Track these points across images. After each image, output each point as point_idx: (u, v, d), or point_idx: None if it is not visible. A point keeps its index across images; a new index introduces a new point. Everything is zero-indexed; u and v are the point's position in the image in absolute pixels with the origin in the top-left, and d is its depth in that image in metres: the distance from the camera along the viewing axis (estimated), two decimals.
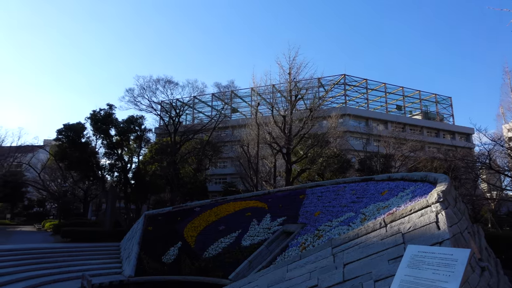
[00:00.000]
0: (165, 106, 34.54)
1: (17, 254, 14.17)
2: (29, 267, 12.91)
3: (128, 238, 17.58)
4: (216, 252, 13.69)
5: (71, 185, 51.07)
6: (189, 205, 19.30)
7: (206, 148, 34.53)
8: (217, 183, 54.97)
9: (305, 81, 26.61)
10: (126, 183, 31.90)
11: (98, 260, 15.61)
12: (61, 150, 30.50)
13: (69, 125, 29.83)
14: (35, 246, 17.06)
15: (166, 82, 31.10)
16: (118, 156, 31.47)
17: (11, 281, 10.83)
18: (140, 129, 31.87)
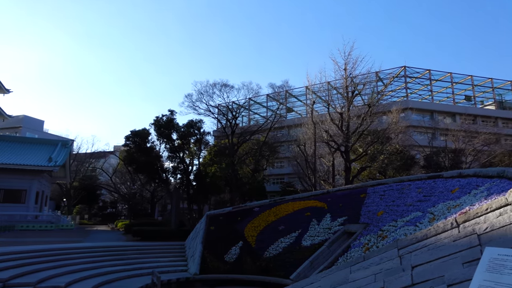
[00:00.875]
0: (222, 109, 35.51)
1: (95, 251, 15.46)
2: (105, 263, 14.01)
3: (192, 238, 18.32)
4: (277, 252, 13.73)
5: (139, 187, 54.60)
6: (248, 205, 19.59)
7: (263, 149, 34.85)
8: (274, 183, 55.16)
9: (362, 76, 25.69)
10: (188, 184, 33.32)
11: (165, 258, 16.46)
12: (129, 155, 32.78)
13: (136, 131, 31.94)
14: (110, 244, 18.49)
15: (222, 85, 31.97)
16: (180, 159, 33.00)
17: (91, 276, 11.85)
18: (200, 133, 33.09)
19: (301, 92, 54.17)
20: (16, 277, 9.82)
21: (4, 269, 10.19)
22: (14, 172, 36.93)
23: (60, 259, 13.05)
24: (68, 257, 13.58)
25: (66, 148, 42.92)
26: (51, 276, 10.71)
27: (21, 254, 12.32)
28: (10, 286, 9.24)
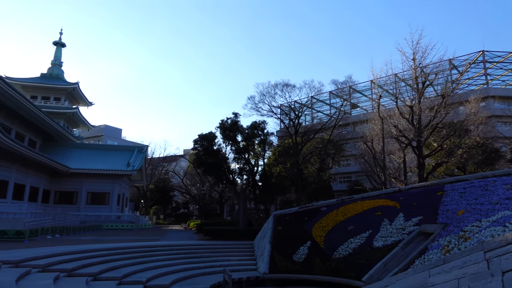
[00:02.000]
0: (284, 109, 35.55)
1: (171, 249, 16.45)
2: (181, 261, 14.82)
3: (260, 237, 18.58)
4: (347, 253, 13.34)
5: (208, 189, 56.84)
6: (315, 205, 19.33)
7: (327, 147, 34.16)
8: (341, 182, 53.66)
9: (433, 65, 23.90)
10: (254, 185, 33.89)
11: (235, 257, 16.91)
12: (198, 157, 34.34)
13: (203, 135, 33.38)
14: (184, 243, 19.52)
15: (284, 85, 32.00)
16: (245, 160, 33.71)
17: (168, 272, 12.62)
18: (263, 134, 33.50)
19: (365, 87, 52.09)
20: (104, 271, 10.82)
21: (94, 264, 11.30)
22: (98, 177, 40.74)
23: (141, 256, 14.09)
24: (147, 254, 14.62)
25: (141, 153, 46.33)
26: (134, 272, 11.61)
27: (107, 251, 13.55)
28: (99, 279, 10.22)
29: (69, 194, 40.23)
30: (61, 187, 39.91)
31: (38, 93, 54.38)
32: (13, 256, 10.17)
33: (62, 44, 61.53)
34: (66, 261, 10.92)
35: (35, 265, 9.64)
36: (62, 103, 54.77)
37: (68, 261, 11.04)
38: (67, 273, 9.80)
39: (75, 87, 55.71)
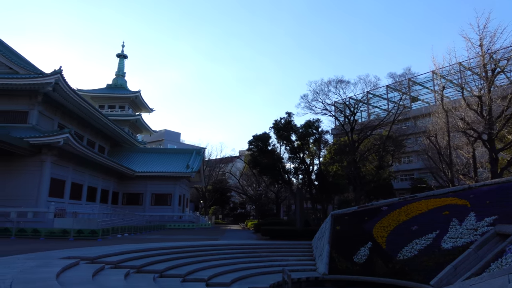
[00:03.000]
0: (338, 106, 34.69)
1: (230, 248, 16.83)
2: (240, 260, 15.10)
3: (318, 237, 18.30)
4: (412, 254, 12.63)
5: (264, 189, 57.27)
6: (375, 204, 18.58)
7: (386, 144, 32.69)
8: (403, 180, 51.06)
9: (504, 50, 21.78)
10: (310, 184, 33.50)
11: (293, 257, 16.83)
12: (253, 158, 34.78)
13: (257, 136, 33.73)
14: (243, 242, 19.87)
15: (338, 82, 31.22)
16: (300, 159, 33.45)
17: (228, 271, 12.93)
18: (318, 132, 32.98)
19: (426, 79, 49.06)
20: (169, 269, 11.38)
21: (160, 262, 11.94)
22: (161, 179, 42.97)
23: (202, 254, 14.61)
24: (208, 253, 15.11)
25: (199, 155, 48.06)
26: (196, 270, 12.06)
27: (172, 250, 14.24)
28: (165, 276, 10.76)
29: (135, 195, 42.97)
30: (128, 189, 42.77)
31: (105, 102, 58.84)
32: (89, 253, 11.08)
33: (124, 56, 65.98)
34: (135, 258, 11.66)
35: (108, 261, 10.41)
36: (126, 110, 58.71)
37: (136, 258, 11.77)
38: (136, 270, 10.45)
39: (137, 95, 59.43)
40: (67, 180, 29.66)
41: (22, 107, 28.83)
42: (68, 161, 29.32)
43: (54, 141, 24.93)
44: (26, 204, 24.84)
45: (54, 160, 26.77)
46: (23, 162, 25.91)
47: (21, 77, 27.11)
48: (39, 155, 25.99)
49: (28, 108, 28.87)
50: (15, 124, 27.95)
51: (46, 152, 26.06)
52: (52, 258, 9.98)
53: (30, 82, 26.97)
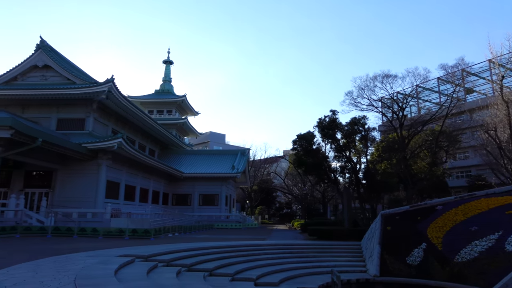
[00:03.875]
0: (386, 102, 33.38)
1: (278, 248, 16.83)
2: (288, 260, 15.04)
3: (368, 238, 17.74)
4: (472, 257, 11.82)
5: (310, 188, 56.66)
6: (428, 203, 17.63)
7: (439, 139, 30.91)
8: (458, 177, 48.08)
9: None
10: (358, 183, 32.56)
11: (342, 258, 16.45)
12: (297, 157, 34.50)
13: (301, 135, 33.43)
14: (290, 242, 19.79)
15: (384, 77, 30.06)
16: (346, 158, 32.65)
17: (276, 271, 12.92)
18: (364, 129, 31.99)
19: (482, 68, 45.81)
20: (218, 268, 11.61)
21: (210, 261, 12.22)
22: (207, 180, 44.05)
23: (250, 254, 14.74)
24: (256, 252, 15.22)
25: (244, 156, 48.62)
26: (245, 269, 12.19)
27: (220, 249, 14.53)
28: (214, 275, 11.00)
29: (184, 196, 44.45)
30: (177, 190, 44.35)
31: (154, 107, 61.50)
32: (143, 252, 11.62)
33: (170, 62, 68.52)
34: (185, 257, 12.04)
35: (160, 260, 10.84)
36: (173, 114, 60.91)
37: (187, 257, 12.15)
38: (187, 268, 10.79)
39: (183, 100, 61.45)
40: (121, 182, 31.37)
41: (79, 115, 30.96)
42: (122, 164, 31.01)
43: (109, 146, 26.49)
44: (85, 205, 26.64)
45: (109, 163, 28.43)
46: (82, 166, 27.81)
47: (77, 87, 29.13)
48: (96, 159, 27.75)
49: (85, 116, 30.94)
50: (74, 131, 30.10)
51: (102, 156, 27.75)
52: (110, 256, 10.60)
53: (86, 91, 28.89)
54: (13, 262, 9.34)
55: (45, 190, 27.73)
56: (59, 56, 34.15)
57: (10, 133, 19.53)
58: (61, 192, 27.54)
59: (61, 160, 27.24)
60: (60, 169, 27.77)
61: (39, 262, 9.33)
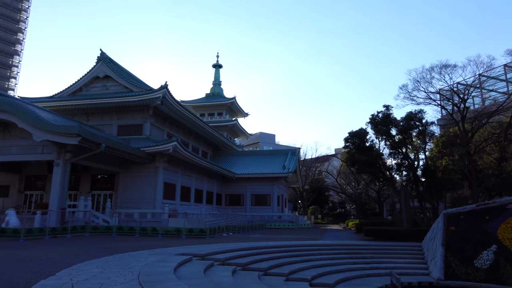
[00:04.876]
0: (444, 94, 31.29)
1: (332, 248, 16.49)
2: (343, 260, 14.68)
3: (430, 239, 16.75)
4: None
5: (364, 187, 54.86)
6: (498, 201, 16.20)
7: (508, 132, 28.31)
8: None
9: None
10: (416, 181, 30.88)
11: (401, 259, 15.71)
12: (350, 156, 33.54)
13: (353, 132, 32.44)
14: (345, 242, 19.30)
15: (442, 67, 28.22)
16: (403, 155, 31.13)
17: (331, 272, 12.66)
18: (421, 124, 30.27)
19: None
20: (272, 267, 11.64)
21: (264, 260, 12.30)
22: (259, 180, 44.41)
23: (304, 254, 14.60)
24: (310, 252, 15.04)
25: (295, 156, 48.34)
26: (299, 269, 12.10)
27: (274, 249, 14.56)
28: (269, 274, 11.05)
29: (236, 196, 45.24)
30: (230, 190, 45.26)
31: (205, 110, 63.38)
32: (200, 251, 12.00)
33: (219, 66, 70.20)
34: (240, 256, 12.23)
35: (216, 258, 11.12)
36: (223, 117, 62.34)
37: (242, 256, 12.34)
38: (242, 267, 10.95)
39: (232, 102, 62.62)
40: (177, 183, 32.71)
41: (137, 120, 32.82)
42: (177, 166, 32.33)
43: (164, 149, 27.75)
44: (145, 206, 28.15)
45: (165, 166, 29.78)
46: (141, 169, 29.43)
47: (135, 95, 30.89)
48: (153, 162, 29.22)
49: (142, 121, 32.74)
50: (133, 136, 31.98)
51: (159, 159, 29.15)
52: (169, 254, 11.09)
53: (142, 98, 30.55)
54: (84, 258, 10.14)
55: (109, 192, 29.76)
56: (117, 66, 36.50)
57: (77, 140, 21.22)
58: (123, 194, 29.37)
59: (122, 163, 29.07)
60: (121, 172, 29.64)
61: (107, 259, 10.02)
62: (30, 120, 21.64)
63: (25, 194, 31.38)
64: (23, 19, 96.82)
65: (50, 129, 21.39)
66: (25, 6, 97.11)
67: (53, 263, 9.47)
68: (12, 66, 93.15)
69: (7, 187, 31.51)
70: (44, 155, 23.47)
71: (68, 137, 21.29)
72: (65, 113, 32.49)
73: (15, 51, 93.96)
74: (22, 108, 22.30)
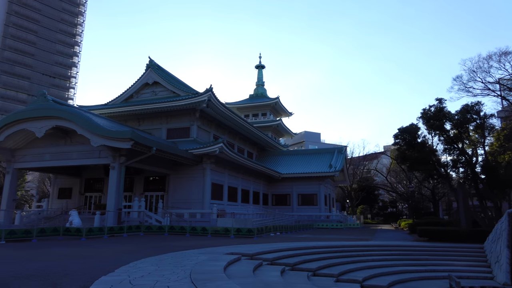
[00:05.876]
0: (505, 84, 28.93)
1: (384, 249, 15.88)
2: (396, 262, 14.06)
3: (492, 240, 15.55)
4: None
5: (416, 185, 52.30)
6: None
7: None
8: None
9: None
10: (475, 178, 28.84)
11: (460, 262, 14.75)
12: (400, 153, 32.10)
13: (403, 128, 31.03)
14: (398, 243, 18.51)
15: (501, 55, 26.20)
16: (459, 150, 29.23)
17: (384, 273, 12.18)
18: (479, 117, 28.22)
19: None
20: (321, 268, 11.45)
21: (312, 261, 12.14)
22: (305, 180, 44.00)
23: (355, 255, 14.21)
24: (361, 253, 14.60)
25: (341, 154, 47.27)
26: (349, 270, 11.79)
27: (323, 249, 14.33)
28: (318, 275, 10.88)
29: (282, 196, 45.17)
30: (276, 190, 45.29)
31: (249, 111, 64.02)
32: (248, 250, 12.12)
33: (262, 66, 70.56)
34: (288, 256, 12.17)
35: (264, 258, 11.16)
36: (267, 117, 62.56)
37: (290, 256, 12.28)
38: (290, 267, 10.89)
39: (276, 102, 62.64)
40: (224, 184, 33.34)
41: (185, 124, 33.94)
42: (223, 167, 32.97)
43: (211, 151, 28.42)
44: (194, 206, 29.01)
45: (212, 167, 30.48)
46: (189, 170, 30.38)
47: (182, 99, 31.97)
48: (201, 163, 30.04)
49: (189, 124, 33.80)
50: (180, 139, 33.12)
51: (206, 160, 29.90)
52: (218, 253, 11.32)
53: (189, 102, 31.53)
54: (139, 256, 10.66)
55: (160, 193, 31.06)
56: (164, 72, 38.01)
57: (130, 144, 22.40)
58: (173, 195, 30.51)
59: (172, 165, 30.21)
60: (171, 174, 30.81)
61: (160, 257, 10.46)
62: (88, 126, 23.17)
63: (85, 196, 33.71)
64: (79, 33, 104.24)
65: (106, 134, 22.76)
66: (80, 21, 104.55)
67: (112, 260, 10.07)
68: (71, 77, 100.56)
69: (69, 190, 34.08)
70: (101, 159, 25.03)
71: (122, 141, 22.53)
72: (118, 119, 34.43)
73: (73, 63, 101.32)
74: (81, 116, 23.95)
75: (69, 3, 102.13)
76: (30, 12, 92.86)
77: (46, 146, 26.65)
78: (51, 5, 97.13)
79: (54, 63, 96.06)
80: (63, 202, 33.28)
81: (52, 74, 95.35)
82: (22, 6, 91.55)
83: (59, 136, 26.18)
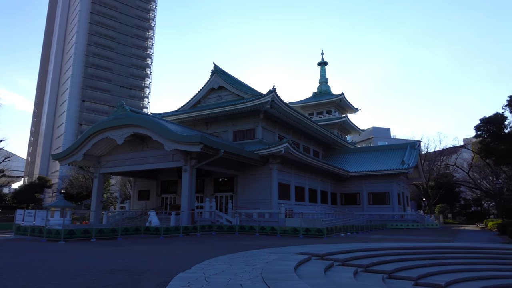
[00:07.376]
0: None
1: (469, 252, 14.53)
2: (484, 266, 12.76)
3: None
4: None
5: (505, 181, 47.09)
6: None
7: None
8: None
9: None
10: None
11: None
12: (484, 145, 29.21)
13: (486, 118, 28.18)
14: (484, 245, 16.80)
15: None
16: None
17: (470, 278, 11.12)
18: None
19: None
20: (397, 270, 10.82)
21: (387, 262, 11.54)
22: (375, 178, 42.13)
23: (435, 257, 13.19)
24: (442, 256, 13.52)
25: (414, 149, 44.35)
26: (429, 274, 10.97)
27: (398, 250, 13.56)
28: (394, 277, 10.30)
29: (351, 195, 43.71)
30: (344, 189, 43.99)
31: (313, 110, 63.12)
32: (318, 250, 11.92)
33: (325, 63, 69.17)
34: (361, 257, 11.72)
35: (335, 259, 10.88)
36: (332, 114, 61.10)
37: (362, 257, 11.81)
38: (363, 269, 10.47)
39: (341, 98, 60.93)
40: (291, 184, 33.27)
41: (250, 125, 34.58)
42: (289, 167, 32.91)
43: (276, 151, 28.55)
44: (262, 206, 29.38)
45: (279, 167, 30.60)
46: (256, 171, 30.86)
47: (246, 101, 32.62)
48: (267, 164, 30.33)
49: (254, 126, 34.36)
50: (246, 141, 33.81)
51: (272, 161, 30.12)
52: (288, 253, 11.30)
53: (253, 104, 32.04)
54: (213, 255, 11.09)
55: (229, 194, 32.02)
56: (228, 76, 39.14)
57: (199, 148, 23.43)
58: (242, 195, 31.23)
59: (239, 167, 30.97)
60: (239, 175, 31.59)
61: (232, 256, 10.77)
62: (161, 132, 24.75)
63: (161, 197, 36.08)
64: (150, 46, 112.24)
65: (177, 139, 24.10)
66: (150, 35, 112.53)
67: (188, 258, 10.62)
68: (144, 88, 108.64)
69: (147, 192, 36.75)
70: (174, 162, 26.56)
71: (192, 145, 23.67)
72: (188, 124, 36.27)
73: (146, 74, 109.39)
74: (155, 123, 25.67)
75: (140, 19, 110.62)
76: (107, 31, 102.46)
77: (126, 152, 29.05)
78: (125, 22, 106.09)
79: (130, 75, 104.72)
80: (142, 203, 36.03)
81: (128, 85, 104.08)
82: (100, 26, 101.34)
83: (136, 142, 28.37)
